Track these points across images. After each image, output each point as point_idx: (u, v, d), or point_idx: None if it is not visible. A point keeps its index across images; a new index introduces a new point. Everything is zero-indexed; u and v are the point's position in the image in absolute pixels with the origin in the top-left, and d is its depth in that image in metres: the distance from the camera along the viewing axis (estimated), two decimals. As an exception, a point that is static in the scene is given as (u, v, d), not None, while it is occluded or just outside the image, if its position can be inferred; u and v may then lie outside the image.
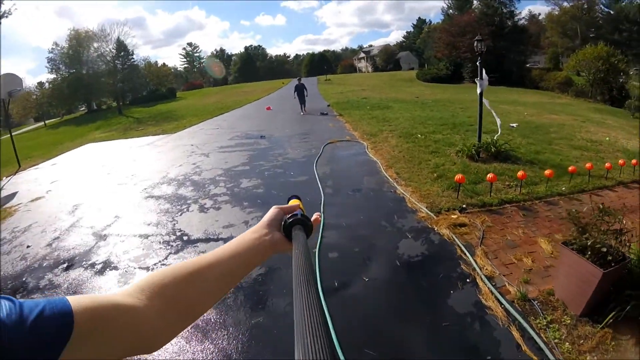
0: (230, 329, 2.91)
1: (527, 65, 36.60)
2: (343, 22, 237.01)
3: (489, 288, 3.18)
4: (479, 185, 5.60)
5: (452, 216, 4.65)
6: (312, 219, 0.70)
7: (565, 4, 43.64)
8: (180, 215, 5.45)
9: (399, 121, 11.82)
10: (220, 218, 5.18)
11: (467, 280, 3.33)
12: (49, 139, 22.51)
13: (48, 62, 36.49)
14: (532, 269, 3.47)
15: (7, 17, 17.35)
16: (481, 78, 6.73)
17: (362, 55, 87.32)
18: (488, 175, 5.21)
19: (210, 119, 18.51)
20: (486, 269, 3.46)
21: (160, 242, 4.62)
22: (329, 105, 17.86)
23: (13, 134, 12.81)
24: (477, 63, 6.83)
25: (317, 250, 3.93)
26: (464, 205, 4.90)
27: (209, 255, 0.63)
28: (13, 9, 17.59)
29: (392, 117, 12.83)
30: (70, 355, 0.41)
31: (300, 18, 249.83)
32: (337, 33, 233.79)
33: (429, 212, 4.76)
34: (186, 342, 2.79)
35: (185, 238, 4.67)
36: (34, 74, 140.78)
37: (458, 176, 5.15)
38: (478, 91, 6.84)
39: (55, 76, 37.23)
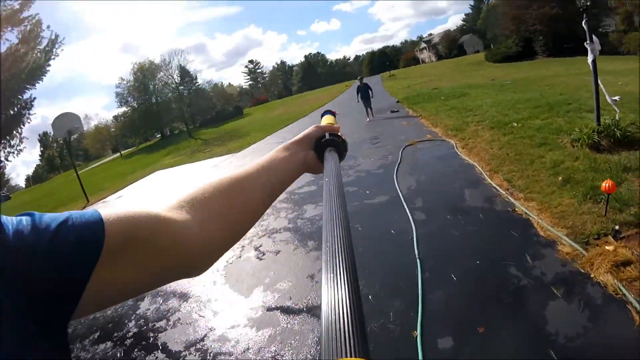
0: None
1: (600, 29, 31.41)
2: (398, 15, 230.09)
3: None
4: (619, 186, 3.60)
5: (607, 247, 2.87)
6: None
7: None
8: (230, 263, 4.31)
9: (483, 109, 9.72)
10: (275, 267, 3.92)
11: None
12: (122, 169, 23.70)
13: (116, 97, 39.62)
14: None
15: (54, 59, 18.39)
16: (591, 41, 4.83)
17: (424, 45, 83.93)
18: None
19: (276, 132, 18.09)
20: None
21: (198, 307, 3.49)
22: (398, 102, 16.07)
23: (92, 166, 13.37)
24: (583, 23, 4.91)
25: (418, 333, 2.46)
26: (617, 227, 3.11)
27: (245, 169, 0.57)
28: (59, 50, 18.64)
29: (473, 105, 10.74)
30: (102, 274, 0.34)
31: (354, 19, 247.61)
32: (394, 27, 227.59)
33: (574, 245, 3.00)
34: None
35: (231, 298, 3.48)
36: (108, 109, 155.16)
37: (606, 184, 3.20)
38: (589, 59, 4.90)
39: (125, 109, 40.03)
